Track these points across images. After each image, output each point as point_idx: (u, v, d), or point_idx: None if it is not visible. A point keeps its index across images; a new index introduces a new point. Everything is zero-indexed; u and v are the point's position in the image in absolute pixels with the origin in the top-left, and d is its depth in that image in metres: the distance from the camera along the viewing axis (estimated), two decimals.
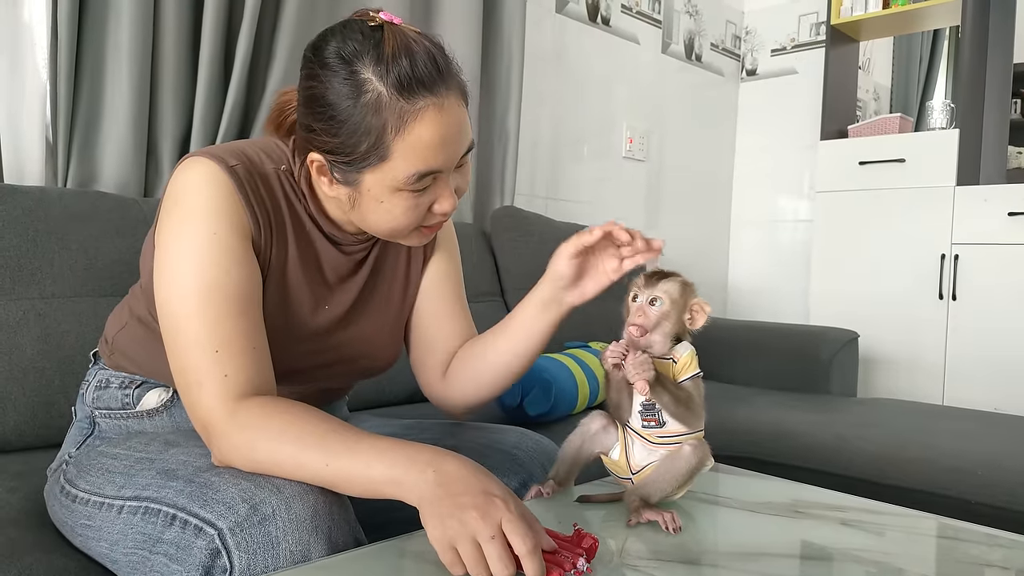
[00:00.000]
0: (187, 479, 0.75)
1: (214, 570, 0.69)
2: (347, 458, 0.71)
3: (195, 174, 0.79)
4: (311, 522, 0.69)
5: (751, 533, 0.82)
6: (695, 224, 3.15)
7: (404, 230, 0.82)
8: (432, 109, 0.75)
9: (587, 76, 2.64)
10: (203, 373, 0.75)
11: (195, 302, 0.76)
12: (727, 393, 2.00)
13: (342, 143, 0.75)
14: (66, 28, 1.39)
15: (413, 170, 0.76)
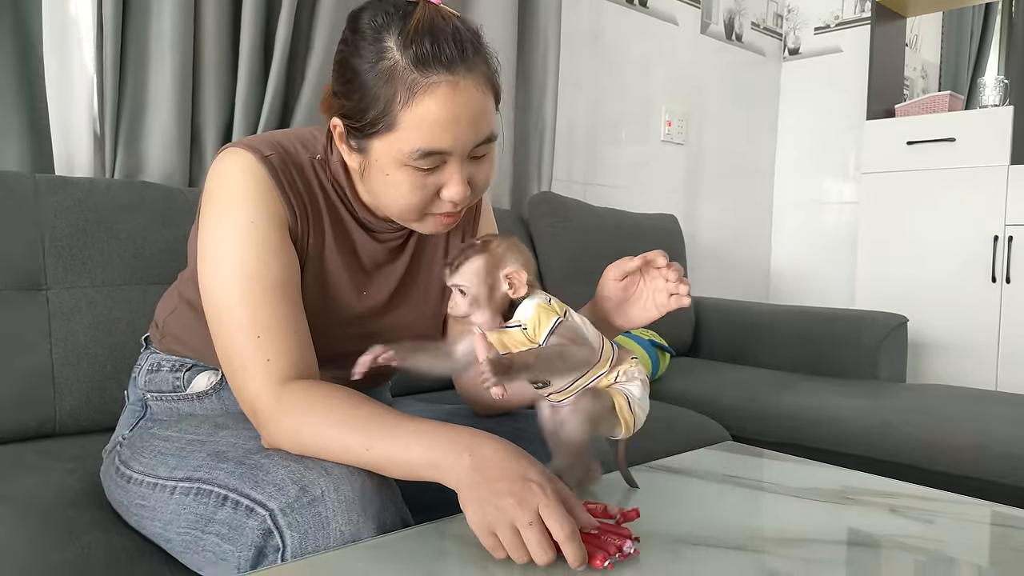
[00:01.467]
0: (238, 461, 0.77)
1: (267, 549, 0.70)
2: (388, 441, 0.72)
3: (232, 164, 0.81)
4: (359, 503, 0.70)
5: (797, 519, 0.81)
6: (736, 208, 3.10)
7: (411, 211, 0.81)
8: (445, 87, 0.74)
9: (624, 59, 2.60)
10: (247, 359, 0.78)
11: (236, 290, 0.78)
12: (771, 379, 1.97)
13: (355, 107, 0.77)
14: (111, 22, 1.42)
15: (417, 145, 0.75)
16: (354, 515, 0.70)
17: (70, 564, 0.79)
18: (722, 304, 2.48)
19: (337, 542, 0.69)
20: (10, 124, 1.38)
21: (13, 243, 1.21)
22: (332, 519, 0.69)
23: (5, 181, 1.24)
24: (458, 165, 0.79)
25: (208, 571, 0.77)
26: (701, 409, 1.72)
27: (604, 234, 2.21)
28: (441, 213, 0.83)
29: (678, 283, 0.88)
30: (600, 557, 0.64)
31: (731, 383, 1.91)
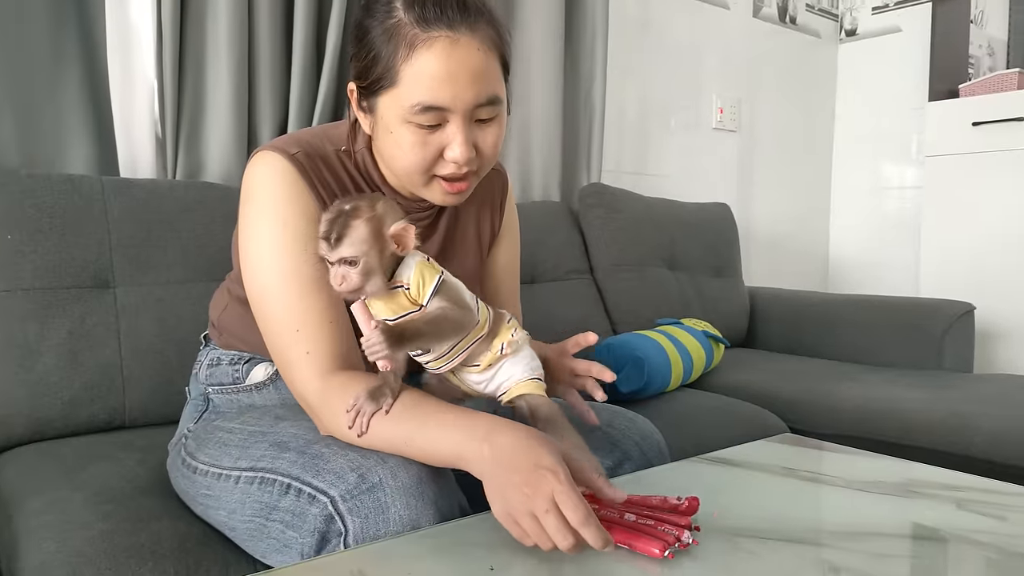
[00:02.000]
0: (299, 451, 0.80)
1: (329, 534, 0.73)
2: (420, 437, 0.75)
3: (261, 168, 0.84)
4: (417, 488, 0.73)
5: (859, 512, 0.79)
6: (792, 195, 3.03)
7: (415, 171, 0.82)
8: (444, 41, 0.76)
9: (674, 45, 2.56)
10: (290, 354, 0.81)
11: (273, 289, 0.82)
12: (830, 370, 1.93)
13: (364, 66, 0.80)
14: (169, 28, 1.47)
15: (417, 99, 0.77)
16: (412, 500, 0.72)
17: (142, 548, 0.83)
18: (778, 294, 2.43)
19: (397, 526, 0.70)
20: (78, 129, 1.44)
21: (83, 243, 1.26)
22: (391, 504, 0.71)
23: (75, 184, 1.29)
24: (460, 125, 0.80)
25: (272, 558, 0.79)
26: (757, 401, 1.69)
27: (655, 225, 2.18)
28: (446, 176, 0.83)
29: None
30: (659, 547, 0.64)
31: (788, 374, 1.87)
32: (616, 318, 2.02)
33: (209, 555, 0.85)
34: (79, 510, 0.89)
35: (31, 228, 1.22)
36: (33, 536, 0.84)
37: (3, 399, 1.15)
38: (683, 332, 1.76)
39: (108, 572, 0.79)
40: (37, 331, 1.19)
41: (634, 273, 2.08)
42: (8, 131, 1.36)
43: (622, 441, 0.95)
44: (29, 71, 1.38)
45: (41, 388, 1.17)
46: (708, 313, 2.17)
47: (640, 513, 0.71)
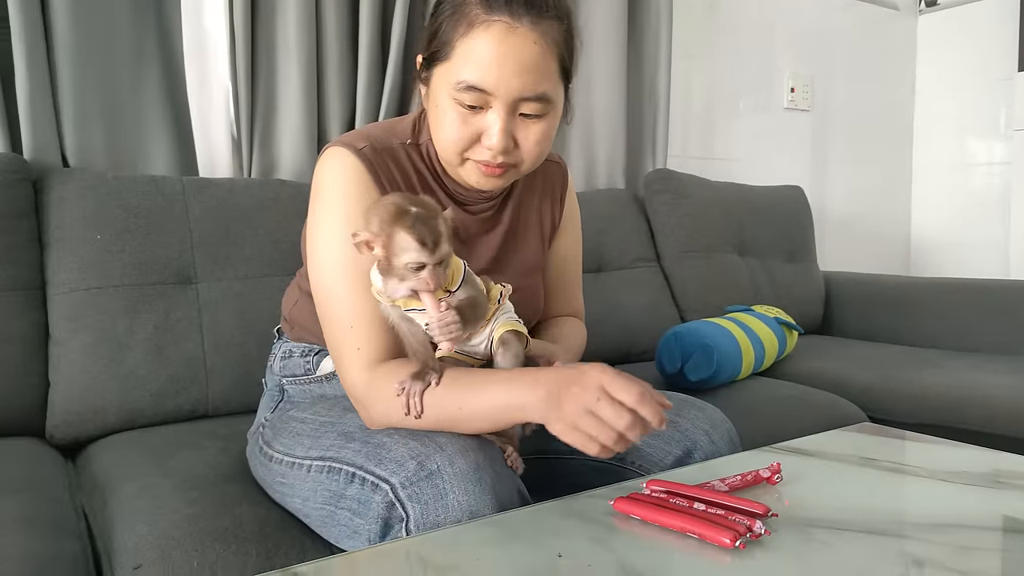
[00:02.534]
0: (363, 440, 0.82)
1: (391, 520, 0.75)
2: (475, 397, 0.78)
3: (330, 163, 0.87)
4: (474, 474, 0.74)
5: (943, 504, 0.76)
6: (870, 175, 2.91)
7: (451, 148, 0.84)
8: (501, 26, 0.78)
9: (742, 24, 2.49)
10: (343, 348, 0.84)
11: (332, 283, 0.84)
12: (911, 356, 1.85)
13: (428, 36, 0.84)
14: (241, 31, 1.52)
15: (463, 76, 0.79)
16: (470, 486, 0.73)
17: (225, 532, 0.87)
18: (855, 278, 2.34)
19: (456, 512, 0.72)
20: (159, 132, 1.51)
21: (166, 241, 1.32)
22: (450, 491, 0.73)
23: (158, 185, 1.36)
24: (502, 113, 0.81)
25: (345, 543, 0.82)
26: (833, 389, 1.64)
27: (724, 210, 2.14)
28: (480, 161, 0.84)
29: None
30: (730, 536, 0.63)
31: (866, 361, 1.80)
32: (684, 306, 1.99)
33: (287, 539, 0.88)
34: (168, 495, 0.93)
35: (119, 228, 1.29)
36: (126, 519, 0.89)
37: (97, 391, 1.22)
38: (754, 319, 1.72)
39: (194, 554, 0.83)
40: (126, 326, 1.25)
41: (702, 260, 2.04)
42: (97, 136, 1.43)
43: (691, 430, 0.93)
44: (113, 79, 1.45)
45: (131, 381, 1.24)
46: (781, 299, 2.11)
47: (711, 503, 0.70)
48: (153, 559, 0.82)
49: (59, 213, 1.28)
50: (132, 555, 0.83)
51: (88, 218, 1.28)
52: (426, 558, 0.63)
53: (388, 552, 0.67)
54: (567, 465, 0.96)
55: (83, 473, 1.11)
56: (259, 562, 0.85)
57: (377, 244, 0.73)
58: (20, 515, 0.88)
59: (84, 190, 1.30)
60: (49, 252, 1.27)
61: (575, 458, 0.96)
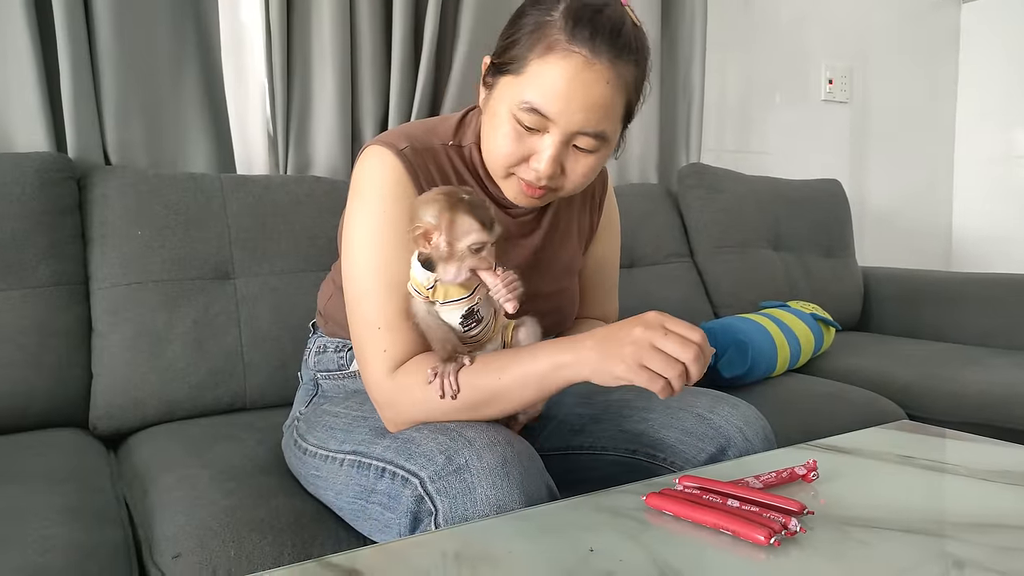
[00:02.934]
0: (393, 436, 0.83)
1: (421, 514, 0.75)
2: (514, 364, 0.79)
3: (370, 162, 0.87)
4: (502, 469, 0.74)
5: (984, 503, 0.74)
6: (910, 168, 2.84)
7: (499, 161, 0.84)
8: (579, 60, 0.77)
9: (778, 15, 2.45)
10: (369, 348, 0.84)
11: (365, 282, 0.84)
12: (952, 354, 1.81)
13: (504, 45, 0.83)
14: (278, 31, 1.54)
15: (528, 97, 0.79)
16: (498, 480, 0.73)
17: (262, 523, 0.88)
18: (894, 274, 2.30)
19: (484, 507, 0.72)
20: (198, 130, 1.54)
21: (205, 237, 1.35)
22: (477, 485, 0.73)
23: (196, 182, 1.38)
24: (556, 141, 0.81)
25: (377, 537, 0.83)
26: (871, 386, 1.61)
27: (759, 204, 2.11)
28: (524, 180, 0.85)
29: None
30: (764, 534, 0.62)
31: (906, 358, 1.77)
32: (718, 301, 1.97)
33: (323, 531, 0.90)
34: (206, 486, 0.95)
35: (159, 224, 1.32)
36: (166, 509, 0.91)
37: (138, 383, 1.25)
38: (790, 315, 1.70)
39: (231, 544, 0.85)
40: (166, 320, 1.28)
41: (736, 255, 2.02)
42: (137, 134, 1.47)
43: (724, 427, 0.92)
44: (153, 80, 1.48)
45: (170, 374, 1.27)
46: (818, 295, 2.07)
47: (745, 499, 0.69)
48: (191, 548, 0.84)
49: (102, 210, 1.31)
50: (171, 544, 0.85)
51: (129, 215, 1.31)
52: (459, 550, 0.64)
53: (422, 544, 0.68)
54: (594, 460, 0.96)
55: (124, 463, 1.14)
56: (295, 553, 0.87)
57: (436, 232, 0.75)
58: (65, 504, 0.90)
59: (126, 187, 1.33)
60: (92, 248, 1.30)
61: (603, 454, 0.96)
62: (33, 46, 1.34)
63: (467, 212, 0.75)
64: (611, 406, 0.98)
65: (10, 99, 1.37)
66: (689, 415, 0.94)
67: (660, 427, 0.93)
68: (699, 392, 0.99)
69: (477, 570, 0.59)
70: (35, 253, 1.24)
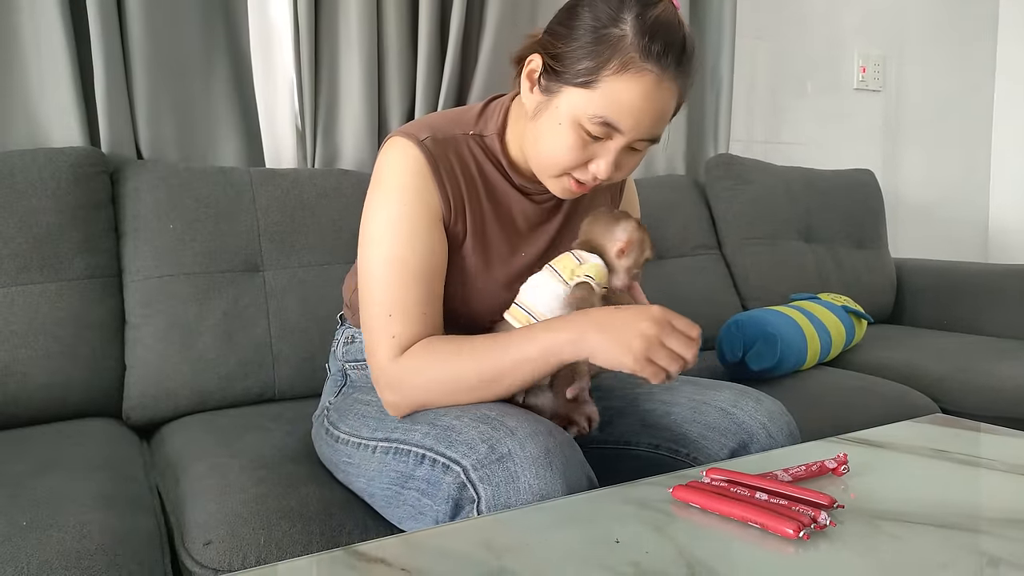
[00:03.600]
0: (430, 423, 0.84)
1: (463, 501, 0.76)
2: (516, 344, 0.82)
3: (393, 154, 0.89)
4: (545, 458, 0.74)
5: (1020, 499, 0.72)
6: (945, 158, 2.78)
7: (557, 167, 0.86)
8: (652, 77, 0.80)
9: (809, 2, 2.41)
10: (378, 333, 0.86)
11: (380, 270, 0.87)
12: (988, 347, 1.77)
13: (570, 52, 0.81)
14: (305, 26, 1.55)
15: (603, 112, 0.81)
16: (542, 470, 0.74)
17: (291, 511, 0.89)
18: (929, 265, 2.25)
19: (527, 495, 0.73)
20: (228, 124, 1.55)
21: (235, 230, 1.36)
22: (521, 474, 0.73)
23: (226, 176, 1.40)
24: (618, 146, 0.84)
25: (408, 524, 0.84)
26: (904, 380, 1.58)
27: (789, 195, 2.08)
28: (577, 179, 0.87)
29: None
30: (794, 527, 0.61)
31: (940, 351, 1.73)
32: (746, 294, 1.95)
33: (351, 519, 0.91)
34: (236, 475, 0.97)
35: (190, 218, 1.34)
36: (198, 497, 0.93)
37: (170, 374, 1.27)
38: (820, 307, 1.68)
39: (261, 532, 0.86)
40: (197, 312, 1.30)
41: (766, 246, 1.99)
42: (169, 129, 1.49)
43: (747, 423, 0.91)
44: (184, 76, 1.50)
45: (201, 364, 1.29)
46: (849, 287, 2.04)
47: (773, 492, 0.68)
48: (222, 536, 0.86)
49: (134, 204, 1.33)
50: (203, 531, 0.87)
51: (161, 208, 1.33)
52: (485, 540, 0.64)
53: (447, 533, 0.68)
54: (619, 455, 0.96)
55: (157, 453, 1.16)
56: (323, 540, 0.88)
57: (631, 249, 0.87)
58: (100, 492, 0.92)
59: (157, 181, 1.35)
60: (125, 241, 1.32)
61: (627, 449, 0.96)
62: (68, 44, 1.37)
63: (649, 242, 0.89)
64: (636, 400, 0.98)
65: (45, 95, 1.39)
66: (712, 409, 0.93)
67: (683, 421, 0.93)
68: (723, 386, 0.98)
69: (503, 560, 0.59)
70: (70, 247, 1.26)
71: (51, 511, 0.86)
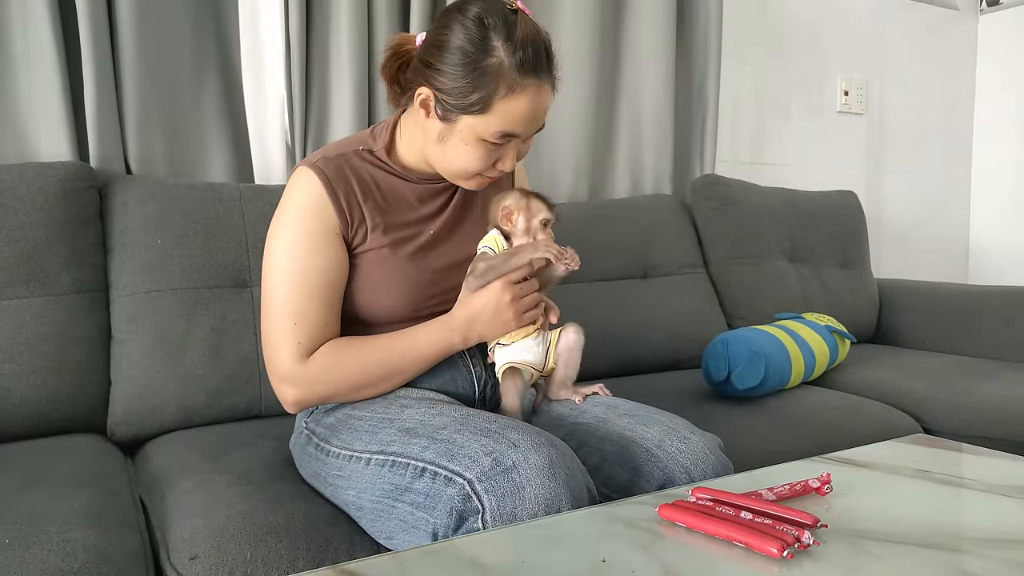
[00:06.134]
0: (429, 437, 0.85)
1: (467, 512, 0.77)
2: (413, 348, 0.98)
3: (295, 181, 1.00)
4: (550, 469, 0.76)
5: (1002, 519, 0.74)
6: (926, 181, 2.83)
7: (471, 174, 0.98)
8: (533, 89, 0.92)
9: (794, 26, 2.46)
10: (283, 339, 0.96)
11: (284, 283, 0.96)
12: (969, 367, 1.79)
13: (459, 87, 0.92)
14: (296, 43, 1.56)
15: (502, 128, 0.93)
16: (546, 480, 0.75)
17: (277, 526, 0.89)
18: (910, 286, 2.28)
19: (533, 505, 0.74)
20: (218, 141, 1.56)
21: (223, 246, 1.36)
22: (527, 485, 0.75)
23: (215, 192, 1.40)
24: (517, 144, 0.98)
25: (398, 538, 0.84)
26: (886, 399, 1.60)
27: (774, 215, 2.10)
28: (488, 176, 1.00)
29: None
30: (777, 546, 0.62)
31: (921, 371, 1.75)
32: (732, 313, 1.97)
33: (337, 535, 0.91)
34: (222, 491, 0.96)
35: (178, 233, 1.34)
36: (183, 513, 0.93)
37: (156, 390, 1.26)
38: (804, 327, 1.69)
39: (247, 547, 0.86)
40: (184, 328, 1.30)
41: (751, 266, 2.01)
42: (158, 144, 1.49)
43: (669, 465, 0.89)
44: (174, 91, 1.51)
45: (188, 380, 1.28)
46: (833, 306, 2.07)
47: (758, 512, 0.69)
48: (208, 551, 0.85)
49: (123, 218, 1.33)
50: (188, 546, 0.86)
51: (149, 223, 1.33)
52: (473, 559, 0.64)
53: (435, 552, 0.68)
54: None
55: (142, 469, 1.15)
56: (309, 556, 0.88)
57: (517, 212, 0.99)
58: (84, 509, 0.92)
59: (146, 196, 1.35)
60: (113, 256, 1.32)
61: None
62: (58, 59, 1.37)
63: (536, 197, 1.01)
64: (572, 435, 0.97)
65: (35, 110, 1.39)
66: (640, 449, 0.91)
67: (613, 462, 0.92)
68: (655, 420, 0.95)
69: None
70: (57, 261, 1.26)
71: (35, 528, 0.85)
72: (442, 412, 0.90)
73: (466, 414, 0.88)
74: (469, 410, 0.90)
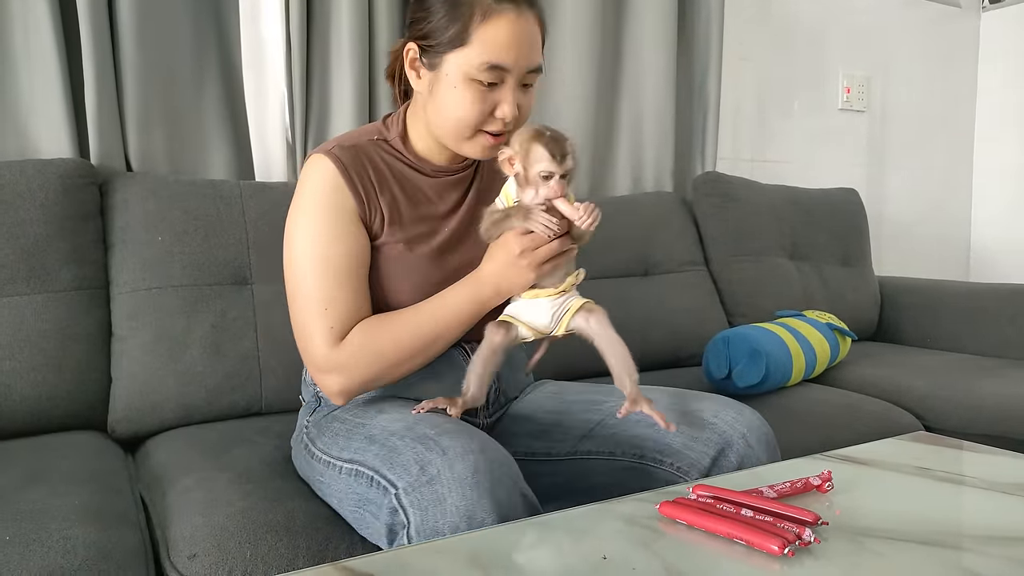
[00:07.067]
0: (381, 443, 0.85)
1: (395, 526, 0.77)
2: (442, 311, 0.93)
3: (307, 169, 0.97)
4: (472, 478, 0.75)
5: (1003, 516, 0.74)
6: (928, 179, 2.82)
7: (468, 125, 0.93)
8: (511, 13, 0.90)
9: (795, 22, 2.45)
10: (314, 327, 0.92)
11: (307, 270, 0.93)
12: (970, 365, 1.79)
13: (435, 26, 0.91)
14: (297, 41, 1.56)
15: (486, 58, 0.89)
16: (467, 491, 0.74)
17: (277, 525, 0.89)
18: (912, 284, 2.28)
19: (454, 517, 0.73)
20: (218, 138, 1.56)
21: (224, 243, 1.36)
22: (448, 496, 0.74)
23: (216, 189, 1.40)
24: (512, 86, 0.92)
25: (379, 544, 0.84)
26: (887, 397, 1.60)
27: (775, 213, 2.10)
28: (490, 132, 0.94)
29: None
30: (778, 544, 0.62)
31: (923, 369, 1.75)
32: (733, 310, 1.97)
33: (337, 533, 0.90)
34: (223, 489, 0.96)
35: (179, 230, 1.33)
36: (183, 511, 0.93)
37: (156, 387, 1.26)
38: (805, 324, 1.69)
39: (247, 545, 0.86)
40: (184, 325, 1.30)
41: (752, 263, 2.01)
42: (159, 141, 1.49)
43: (727, 431, 0.93)
44: (175, 88, 1.51)
45: (188, 377, 1.28)
46: (834, 304, 2.06)
47: (759, 509, 0.69)
48: (208, 549, 0.85)
49: (123, 215, 1.33)
50: (188, 544, 0.86)
51: (150, 220, 1.33)
52: (473, 556, 0.64)
53: (437, 548, 0.68)
54: (604, 466, 0.97)
55: (142, 466, 1.15)
56: (309, 554, 0.88)
57: (517, 159, 0.89)
58: (85, 506, 0.92)
59: (147, 193, 1.35)
60: (113, 253, 1.32)
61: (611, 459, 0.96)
62: (59, 56, 1.37)
63: (541, 143, 0.87)
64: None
65: (36, 107, 1.39)
66: (694, 419, 0.95)
67: (665, 431, 0.93)
68: (704, 397, 1.00)
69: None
70: (57, 258, 1.26)
71: (35, 525, 0.85)
72: (403, 417, 0.89)
73: (420, 419, 0.87)
74: (429, 415, 0.89)
